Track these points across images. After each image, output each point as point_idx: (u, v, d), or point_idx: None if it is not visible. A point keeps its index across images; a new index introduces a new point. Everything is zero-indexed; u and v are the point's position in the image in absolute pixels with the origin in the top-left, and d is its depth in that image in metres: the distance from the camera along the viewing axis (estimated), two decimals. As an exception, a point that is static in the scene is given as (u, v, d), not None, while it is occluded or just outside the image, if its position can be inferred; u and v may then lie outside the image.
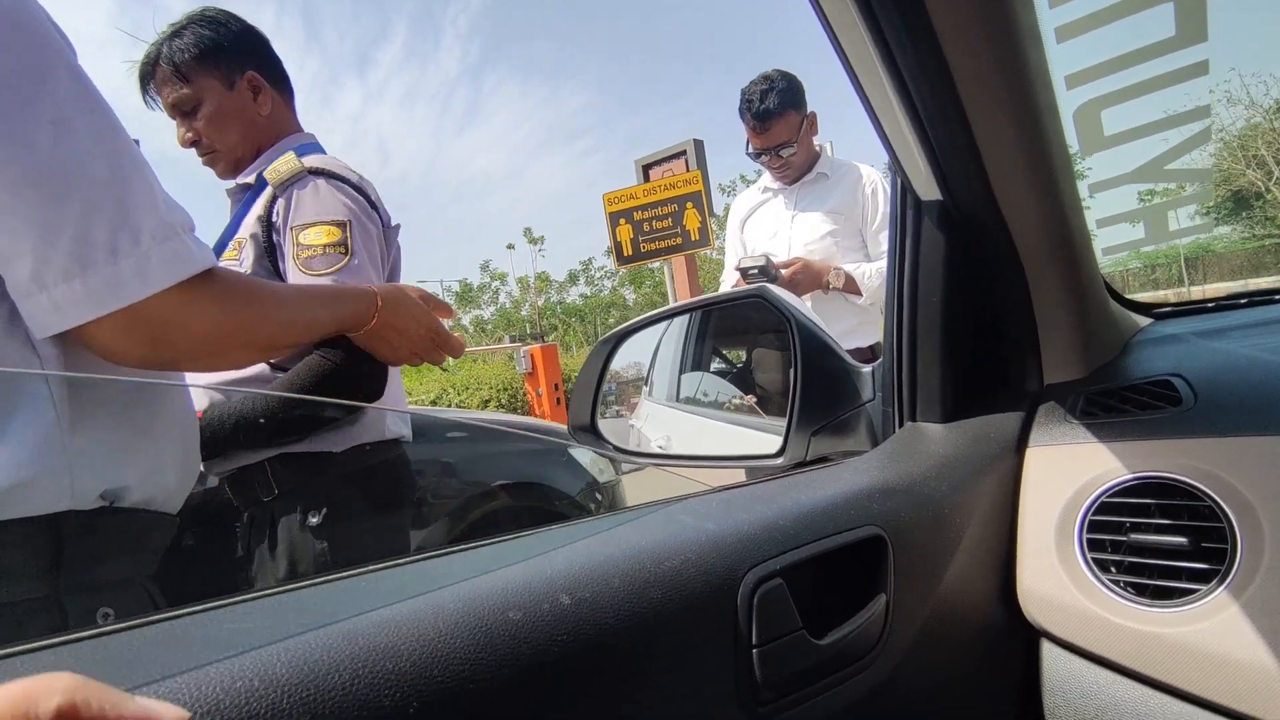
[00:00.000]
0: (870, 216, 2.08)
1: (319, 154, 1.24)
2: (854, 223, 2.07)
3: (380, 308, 0.95)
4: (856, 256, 2.07)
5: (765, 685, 0.43)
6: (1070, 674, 0.58)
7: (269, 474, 1.12)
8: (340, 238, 1.11)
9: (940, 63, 0.52)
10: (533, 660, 0.35)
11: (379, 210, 1.22)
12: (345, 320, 0.92)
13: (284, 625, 0.31)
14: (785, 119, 2.02)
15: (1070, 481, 0.61)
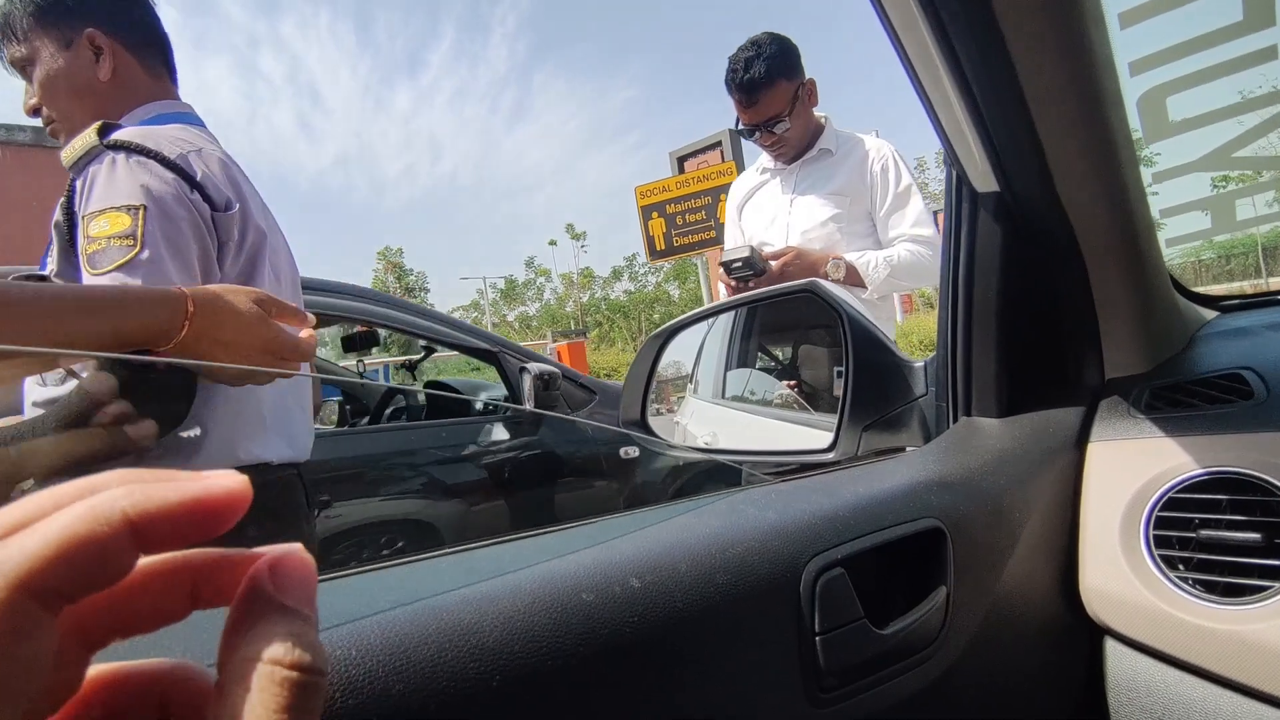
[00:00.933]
0: (880, 197, 1.81)
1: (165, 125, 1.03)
2: (861, 205, 1.82)
3: (193, 315, 0.77)
4: (865, 243, 1.83)
5: (829, 672, 0.44)
6: (1136, 672, 0.57)
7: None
8: (129, 227, 0.90)
9: (1002, 52, 0.52)
10: (606, 640, 0.36)
11: (206, 191, 0.98)
12: (134, 331, 0.75)
13: (375, 601, 0.32)
14: (776, 89, 1.76)
15: (1135, 477, 0.60)
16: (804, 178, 1.89)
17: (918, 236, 1.73)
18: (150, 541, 0.19)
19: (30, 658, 0.17)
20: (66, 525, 0.18)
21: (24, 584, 0.17)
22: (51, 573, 0.17)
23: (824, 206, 1.82)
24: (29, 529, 0.18)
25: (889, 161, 1.81)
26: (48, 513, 0.18)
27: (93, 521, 0.18)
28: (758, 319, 1.38)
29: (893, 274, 1.69)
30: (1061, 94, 0.56)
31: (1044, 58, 0.53)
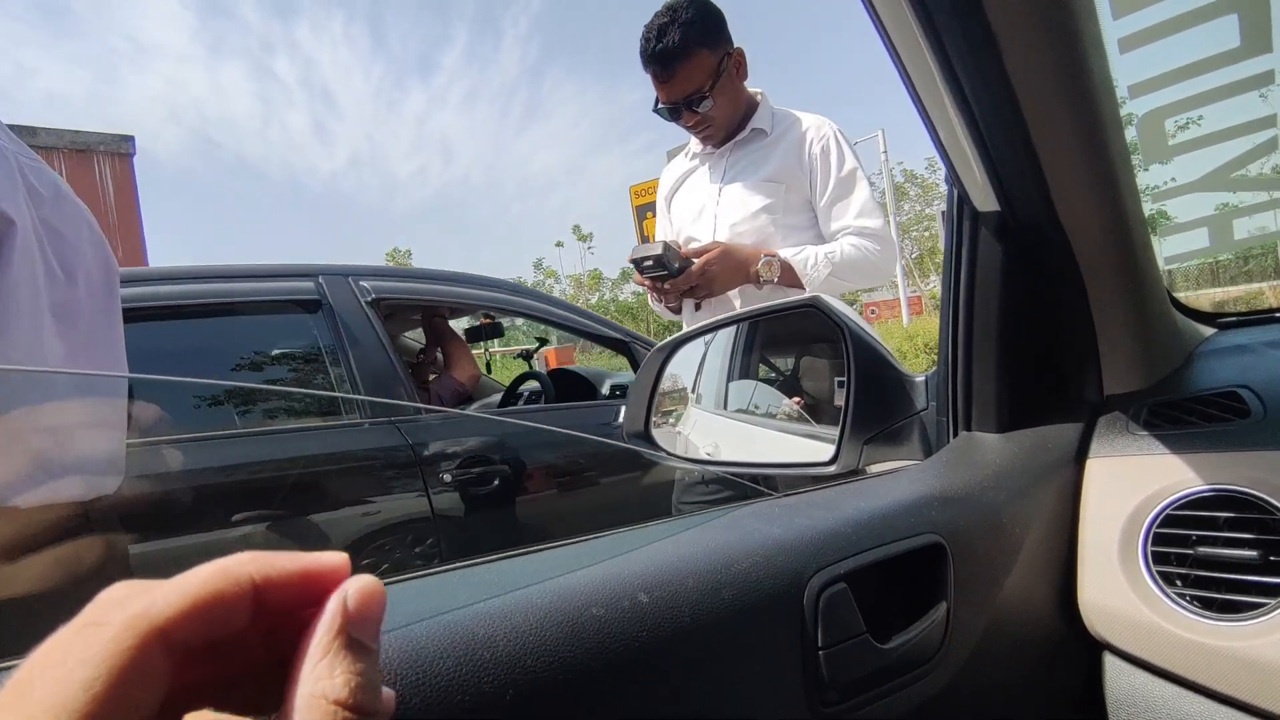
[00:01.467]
0: (820, 184, 1.55)
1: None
2: (798, 193, 1.57)
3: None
4: (805, 237, 1.58)
5: (832, 686, 0.44)
6: (1134, 687, 0.58)
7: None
8: None
9: (1000, 73, 0.53)
10: (617, 654, 0.36)
11: None
12: None
13: (393, 615, 0.33)
14: (695, 61, 1.50)
15: (1133, 493, 0.60)
16: (734, 163, 1.64)
17: (863, 229, 1.52)
18: (268, 604, 0.21)
19: (142, 702, 0.18)
20: (200, 582, 0.20)
21: (161, 630, 0.19)
22: (185, 624, 0.19)
23: (755, 195, 1.58)
24: (170, 582, 0.20)
25: (830, 142, 1.56)
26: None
27: (225, 580, 0.20)
28: (760, 332, 1.38)
29: (835, 272, 1.50)
30: (1061, 116, 0.57)
31: (1043, 81, 0.54)
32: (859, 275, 1.52)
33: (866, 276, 1.54)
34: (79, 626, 0.19)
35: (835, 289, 1.51)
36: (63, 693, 0.17)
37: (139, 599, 0.19)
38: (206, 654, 0.21)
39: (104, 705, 0.18)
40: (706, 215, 1.64)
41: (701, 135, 1.64)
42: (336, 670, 0.20)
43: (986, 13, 0.49)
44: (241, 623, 0.21)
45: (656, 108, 1.60)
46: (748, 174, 1.60)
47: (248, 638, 0.21)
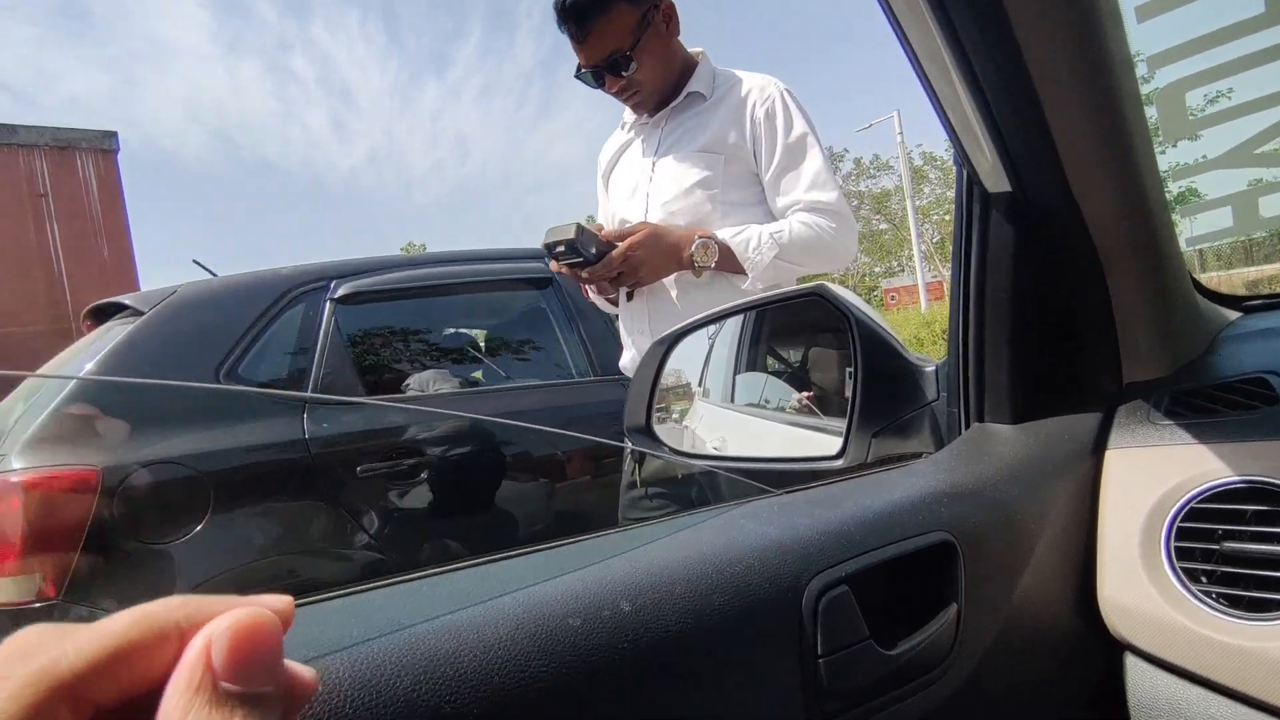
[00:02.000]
0: (766, 152, 1.35)
1: None
2: (740, 164, 1.37)
3: None
4: (750, 215, 1.38)
5: (832, 695, 0.42)
6: (1157, 689, 0.55)
7: None
8: None
9: (1011, 46, 0.50)
10: (594, 667, 0.34)
11: None
12: None
13: (347, 632, 0.31)
14: (613, 15, 1.31)
15: (1155, 486, 0.57)
16: (670, 133, 1.44)
17: (816, 203, 1.34)
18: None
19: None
20: (117, 630, 0.18)
21: (68, 686, 0.17)
22: (96, 678, 0.17)
23: (689, 169, 1.38)
24: (85, 629, 0.18)
25: (775, 104, 1.35)
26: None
27: (144, 629, 0.18)
28: (767, 322, 1.34)
29: (783, 255, 1.31)
30: (1077, 91, 0.54)
31: (1057, 53, 0.51)
32: (812, 257, 1.35)
33: (821, 258, 1.36)
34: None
35: (786, 274, 1.36)
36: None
37: (48, 648, 0.17)
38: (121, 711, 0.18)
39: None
40: (639, 194, 1.46)
41: (630, 103, 1.45)
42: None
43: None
44: (161, 676, 0.18)
45: (578, 73, 1.41)
46: (683, 145, 1.40)
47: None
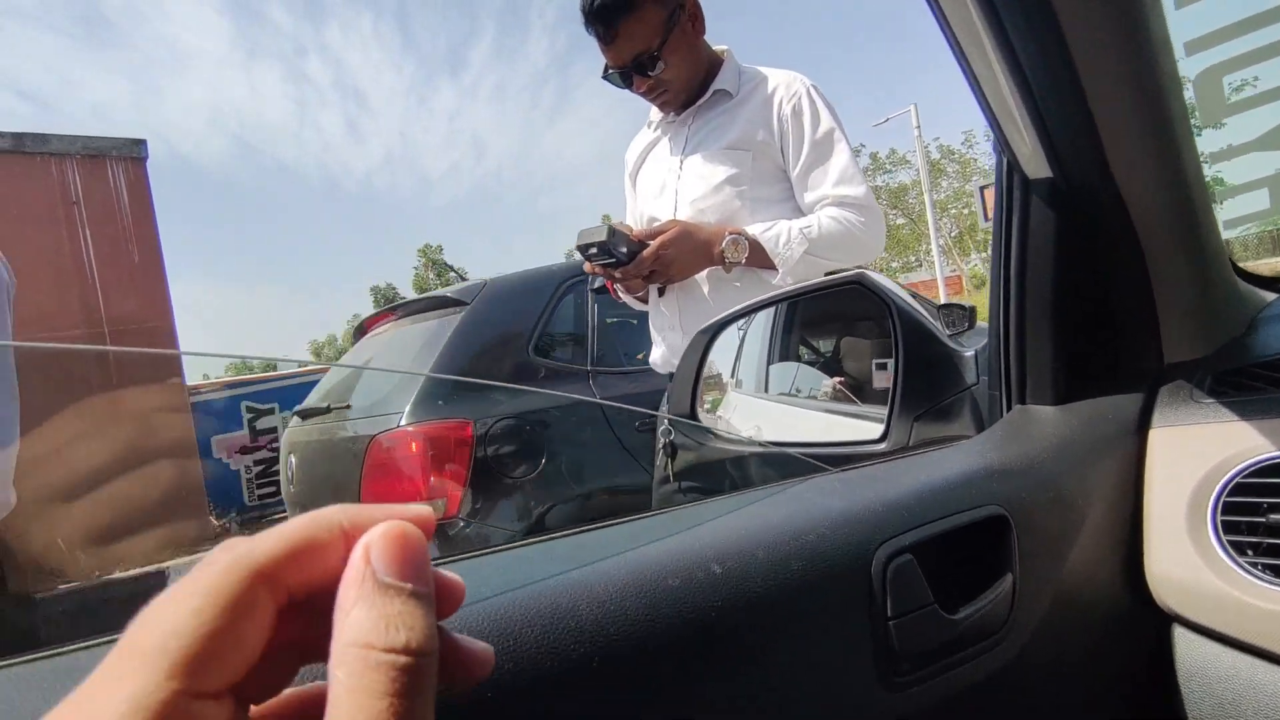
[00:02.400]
0: (793, 149, 1.36)
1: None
2: (768, 160, 1.38)
3: None
4: (779, 210, 1.39)
5: (904, 656, 0.44)
6: (1206, 658, 0.57)
7: None
8: None
9: (1054, 31, 0.52)
10: (692, 622, 0.37)
11: None
12: None
13: (482, 587, 0.34)
14: (641, 15, 1.32)
15: (1200, 462, 0.59)
16: (696, 131, 1.45)
17: (844, 198, 1.35)
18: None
19: (248, 634, 0.20)
20: (296, 529, 0.21)
21: (259, 571, 0.20)
22: (284, 564, 0.21)
23: (718, 166, 1.38)
24: (270, 530, 0.21)
25: (802, 100, 1.36)
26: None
27: (317, 528, 0.21)
28: (799, 313, 1.36)
29: (812, 249, 1.33)
30: (1118, 75, 0.56)
31: (1099, 38, 0.53)
32: (841, 251, 1.36)
33: (851, 252, 1.37)
34: (194, 570, 0.20)
35: (816, 269, 1.36)
36: (176, 619, 0.19)
37: (242, 544, 0.21)
38: (312, 607, 0.22)
39: (211, 630, 0.19)
40: (667, 192, 1.46)
41: (658, 102, 1.46)
42: (365, 616, 0.20)
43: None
44: (335, 568, 0.21)
45: (605, 74, 1.42)
46: (710, 143, 1.41)
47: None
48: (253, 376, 7.51)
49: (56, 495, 4.32)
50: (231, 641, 0.19)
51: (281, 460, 2.76)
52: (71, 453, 4.40)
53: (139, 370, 5.14)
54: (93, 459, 4.47)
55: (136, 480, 4.74)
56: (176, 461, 5.22)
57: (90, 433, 4.62)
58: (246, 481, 5.76)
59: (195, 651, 0.18)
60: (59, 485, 4.31)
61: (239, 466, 5.72)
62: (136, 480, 4.74)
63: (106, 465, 4.55)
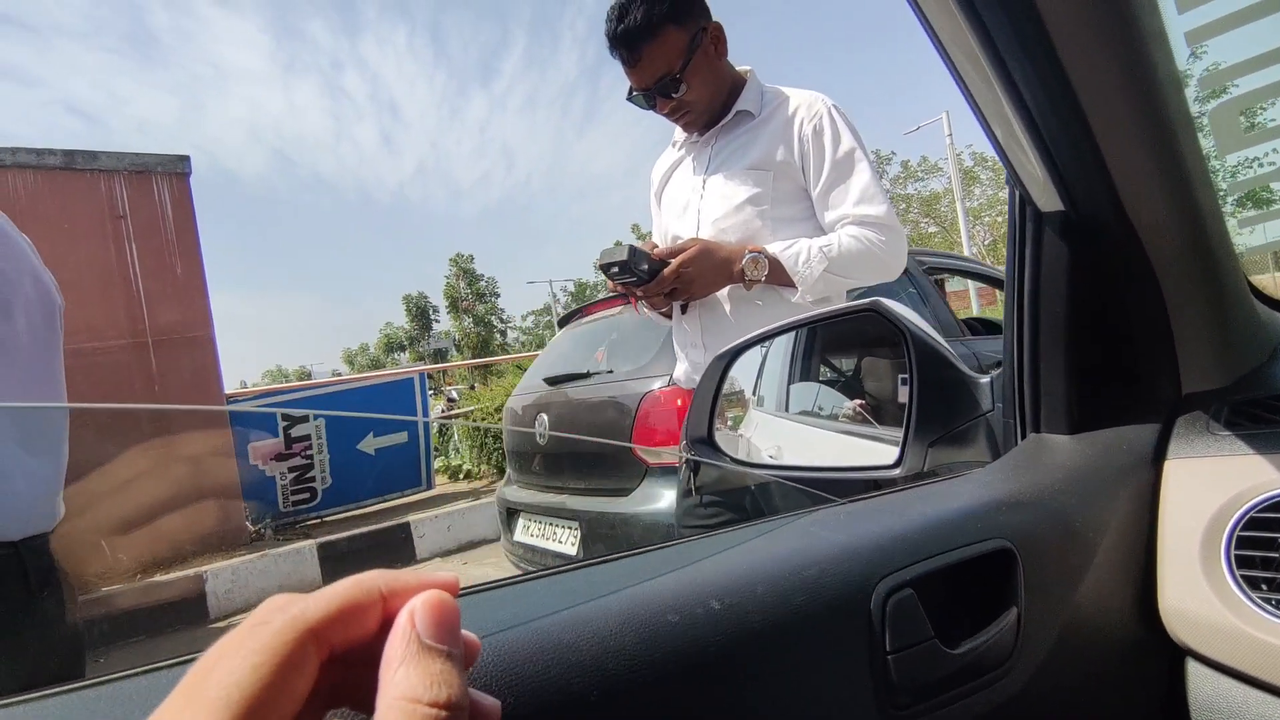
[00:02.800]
0: (814, 168, 1.38)
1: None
2: (789, 180, 1.40)
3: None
4: (800, 230, 1.41)
5: (902, 689, 0.45)
6: (1218, 694, 0.57)
7: None
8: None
9: (1058, 73, 0.53)
10: (692, 659, 0.39)
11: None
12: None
13: (486, 623, 0.36)
14: (663, 39, 1.35)
15: (1216, 495, 0.59)
16: (719, 151, 1.47)
17: (865, 217, 1.36)
18: (392, 609, 0.25)
19: (297, 689, 0.22)
20: (342, 592, 0.24)
21: (311, 631, 0.23)
22: (331, 625, 0.23)
23: (739, 186, 1.41)
24: (319, 592, 0.24)
25: (823, 120, 1.38)
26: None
27: (360, 592, 0.25)
28: (820, 334, 1.37)
29: (832, 268, 1.34)
30: (1125, 112, 0.56)
31: (1103, 78, 0.54)
32: (861, 270, 1.37)
33: (871, 271, 1.39)
34: (249, 626, 0.23)
35: (836, 287, 1.38)
36: (237, 674, 0.21)
37: (296, 604, 0.24)
38: (343, 658, 0.24)
39: (268, 686, 0.21)
40: (690, 211, 1.49)
41: (681, 122, 1.50)
42: (413, 673, 0.23)
43: (1040, 13, 0.49)
44: (372, 628, 0.25)
45: (630, 96, 1.45)
46: (732, 162, 1.43)
47: (373, 646, 0.25)
48: (288, 385, 7.67)
49: (99, 500, 4.47)
50: (283, 694, 0.22)
51: (527, 420, 3.22)
52: (113, 459, 4.55)
53: (180, 377, 5.30)
54: (134, 465, 4.61)
55: (176, 486, 4.88)
56: (214, 468, 5.36)
57: (131, 440, 4.77)
58: (281, 488, 5.87)
59: (254, 703, 0.21)
60: (101, 490, 4.46)
61: (274, 473, 5.84)
62: (176, 486, 4.88)
63: (148, 470, 4.69)
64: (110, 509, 4.57)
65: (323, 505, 6.05)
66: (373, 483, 6.31)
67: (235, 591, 4.42)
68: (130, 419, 4.89)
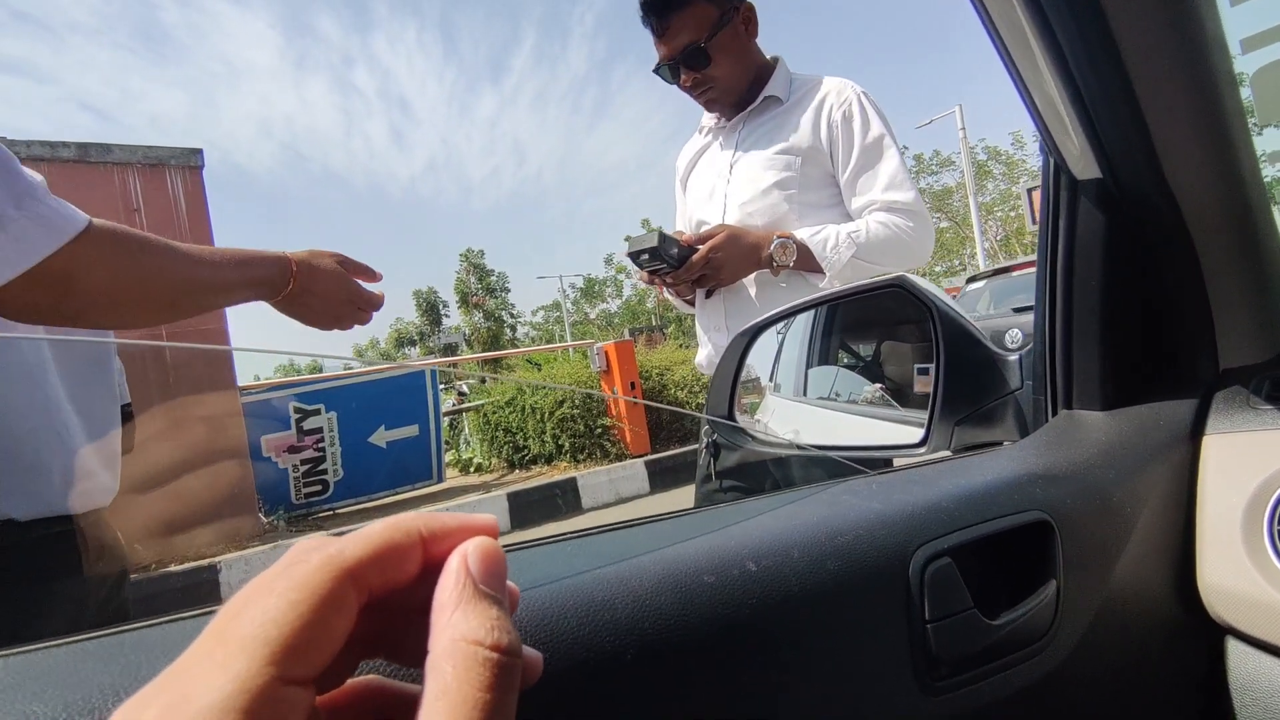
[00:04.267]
0: (843, 154, 1.38)
1: None
2: (817, 165, 1.40)
3: (296, 273, 0.94)
4: (828, 215, 1.41)
5: (942, 661, 0.44)
6: (1260, 671, 0.55)
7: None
8: None
9: (1103, 29, 0.51)
10: (727, 619, 0.37)
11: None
12: (258, 283, 0.92)
13: (520, 578, 0.35)
14: (692, 10, 1.36)
15: (1258, 470, 0.57)
16: (747, 136, 1.47)
17: (893, 204, 1.36)
18: (432, 553, 0.24)
19: (336, 629, 0.21)
20: (380, 533, 0.23)
21: (349, 571, 0.22)
22: (370, 566, 0.22)
23: (766, 171, 1.41)
24: (355, 533, 0.23)
25: (852, 106, 1.38)
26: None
27: (398, 532, 0.23)
28: (838, 316, 1.35)
29: (860, 254, 1.35)
30: (1170, 73, 0.54)
31: (1150, 35, 0.52)
32: (889, 256, 1.37)
33: (899, 257, 1.38)
34: (282, 566, 0.22)
35: (863, 273, 1.37)
36: (273, 611, 0.20)
37: (332, 544, 0.23)
38: (382, 605, 0.23)
39: (307, 623, 0.20)
40: (717, 196, 1.49)
41: (704, 100, 1.49)
42: (471, 616, 0.22)
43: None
44: (412, 571, 0.24)
45: (657, 68, 1.45)
46: (760, 147, 1.43)
47: (411, 591, 0.24)
48: (300, 378, 7.70)
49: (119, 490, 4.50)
50: (323, 634, 0.21)
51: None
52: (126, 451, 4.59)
53: (194, 370, 5.33)
54: (148, 457, 4.65)
55: (191, 478, 4.91)
56: (229, 460, 5.39)
57: (149, 432, 4.81)
58: (294, 480, 5.90)
59: (293, 641, 0.20)
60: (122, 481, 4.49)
61: (287, 465, 5.87)
62: (191, 478, 4.91)
63: (163, 462, 4.73)
64: (124, 500, 4.61)
65: (334, 498, 6.08)
66: (384, 475, 6.34)
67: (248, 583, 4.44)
68: (144, 411, 4.93)
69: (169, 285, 0.83)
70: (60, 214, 0.74)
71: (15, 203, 0.71)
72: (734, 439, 1.08)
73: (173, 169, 5.22)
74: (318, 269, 0.96)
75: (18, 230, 0.70)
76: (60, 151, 4.91)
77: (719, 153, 1.53)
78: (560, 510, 5.54)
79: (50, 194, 0.75)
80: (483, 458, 7.72)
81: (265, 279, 0.92)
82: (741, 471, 1.51)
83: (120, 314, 0.83)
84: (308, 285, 0.95)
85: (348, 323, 1.03)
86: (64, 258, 0.73)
